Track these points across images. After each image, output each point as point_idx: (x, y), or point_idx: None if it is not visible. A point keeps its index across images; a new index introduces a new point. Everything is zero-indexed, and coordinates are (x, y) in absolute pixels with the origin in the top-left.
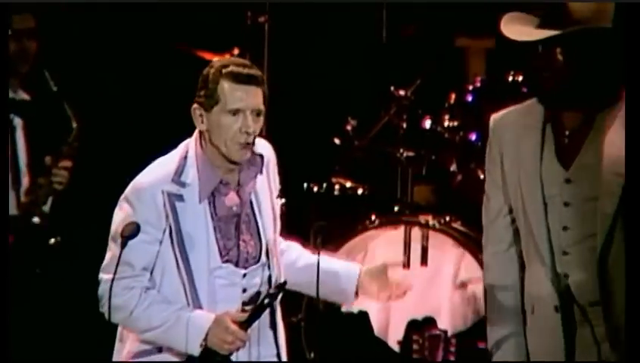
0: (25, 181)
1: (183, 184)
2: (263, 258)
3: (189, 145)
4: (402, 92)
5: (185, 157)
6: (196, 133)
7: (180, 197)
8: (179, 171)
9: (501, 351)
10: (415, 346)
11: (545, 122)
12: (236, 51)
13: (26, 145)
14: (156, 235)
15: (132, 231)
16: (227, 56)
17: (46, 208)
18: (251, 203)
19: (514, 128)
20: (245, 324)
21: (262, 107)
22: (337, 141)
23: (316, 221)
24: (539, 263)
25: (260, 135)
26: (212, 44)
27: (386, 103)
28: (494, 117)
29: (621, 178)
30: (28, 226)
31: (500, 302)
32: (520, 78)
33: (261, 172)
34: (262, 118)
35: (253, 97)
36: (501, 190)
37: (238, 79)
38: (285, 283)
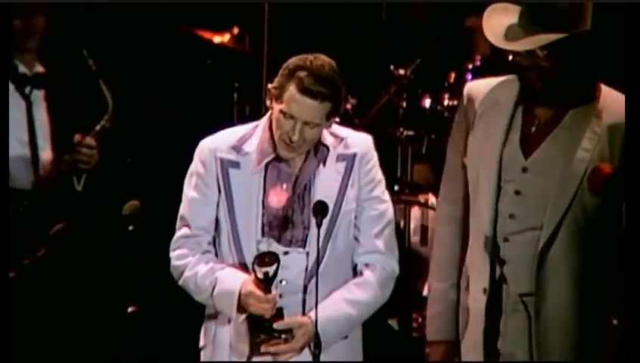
0: (45, 155)
1: (243, 152)
2: (307, 246)
3: (264, 118)
4: (401, 71)
5: (256, 127)
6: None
7: (235, 164)
8: (245, 138)
9: (435, 325)
10: (414, 325)
11: (517, 103)
12: (236, 30)
13: (48, 118)
14: (212, 197)
15: (133, 210)
16: (227, 35)
17: (79, 187)
18: (310, 191)
19: (487, 101)
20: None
21: (317, 121)
22: (336, 119)
23: (318, 201)
24: (480, 244)
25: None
26: (213, 23)
27: (386, 82)
28: (469, 85)
29: (577, 179)
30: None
31: (442, 274)
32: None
33: (324, 163)
34: (317, 129)
35: (310, 110)
36: (461, 161)
37: (303, 90)
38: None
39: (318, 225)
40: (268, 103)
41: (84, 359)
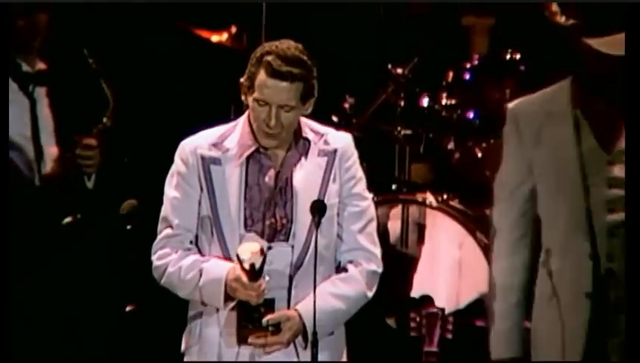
0: (51, 151)
1: (224, 149)
2: (290, 239)
3: (243, 115)
4: (399, 70)
5: (236, 125)
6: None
7: (217, 161)
8: (225, 135)
9: (502, 343)
10: (412, 324)
11: (574, 107)
12: (233, 29)
13: (52, 115)
14: (194, 195)
15: (131, 209)
16: (224, 33)
17: (90, 184)
18: (292, 185)
19: (537, 116)
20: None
21: (291, 103)
22: (334, 118)
23: (315, 200)
24: (574, 247)
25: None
26: (211, 21)
27: (384, 81)
28: (511, 107)
29: None
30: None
31: (506, 292)
32: (518, 56)
33: (306, 157)
34: (293, 112)
35: (282, 92)
36: (521, 177)
37: (272, 73)
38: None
39: (317, 224)
40: (243, 98)
41: (83, 358)
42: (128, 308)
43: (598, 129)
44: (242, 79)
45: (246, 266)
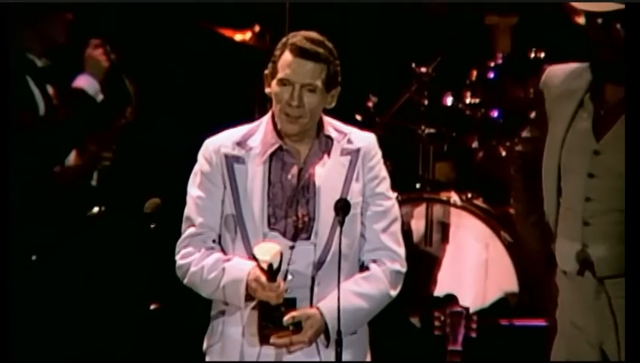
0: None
1: (247, 147)
2: (313, 237)
3: (267, 115)
4: (423, 69)
5: (259, 124)
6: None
7: (240, 159)
8: (249, 134)
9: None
10: (437, 323)
11: (588, 90)
12: (257, 28)
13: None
14: (217, 194)
15: (155, 207)
16: (248, 32)
17: (93, 182)
18: (315, 182)
19: (562, 87)
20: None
21: (316, 83)
22: (358, 117)
23: (339, 198)
24: (563, 232)
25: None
26: (234, 20)
27: (408, 80)
28: (546, 72)
29: None
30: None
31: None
32: (542, 55)
33: (329, 155)
34: (316, 96)
35: (307, 71)
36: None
37: (297, 52)
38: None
39: (341, 223)
40: (266, 90)
41: (105, 355)
42: (152, 307)
43: (597, 115)
44: (266, 71)
45: (264, 266)
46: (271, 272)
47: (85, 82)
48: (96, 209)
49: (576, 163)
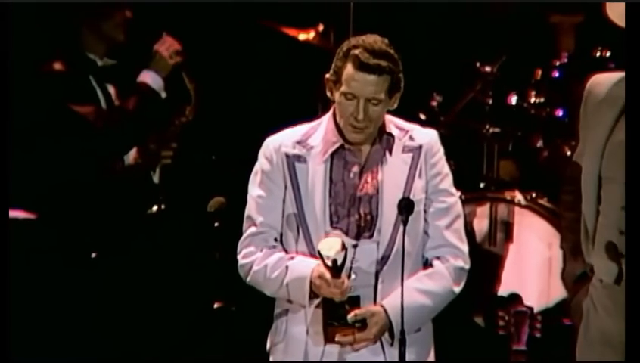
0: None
1: (308, 146)
2: (376, 236)
3: (327, 113)
4: (487, 68)
5: (320, 123)
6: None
7: (301, 158)
8: (309, 133)
9: None
10: (501, 323)
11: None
12: (321, 27)
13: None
14: (278, 193)
15: (218, 206)
16: (312, 32)
17: (155, 178)
18: (377, 180)
19: (603, 95)
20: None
21: (379, 96)
22: (422, 116)
23: (403, 198)
24: (601, 240)
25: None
26: (298, 20)
27: (472, 79)
28: (591, 79)
29: None
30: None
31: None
32: (608, 54)
33: (390, 152)
34: (380, 106)
35: (370, 85)
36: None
37: (361, 66)
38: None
39: (404, 222)
40: (328, 93)
41: (169, 353)
42: (216, 305)
43: None
44: (328, 75)
45: (329, 262)
46: (336, 268)
47: (149, 78)
48: (155, 208)
49: (616, 172)
